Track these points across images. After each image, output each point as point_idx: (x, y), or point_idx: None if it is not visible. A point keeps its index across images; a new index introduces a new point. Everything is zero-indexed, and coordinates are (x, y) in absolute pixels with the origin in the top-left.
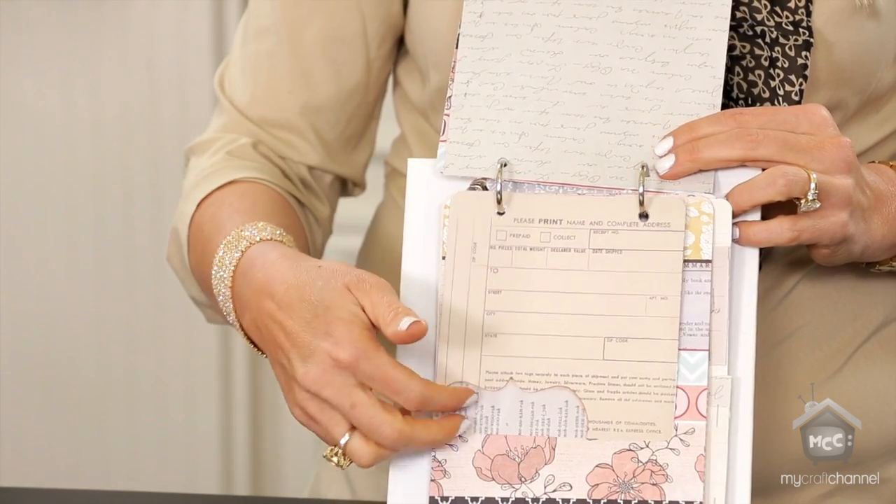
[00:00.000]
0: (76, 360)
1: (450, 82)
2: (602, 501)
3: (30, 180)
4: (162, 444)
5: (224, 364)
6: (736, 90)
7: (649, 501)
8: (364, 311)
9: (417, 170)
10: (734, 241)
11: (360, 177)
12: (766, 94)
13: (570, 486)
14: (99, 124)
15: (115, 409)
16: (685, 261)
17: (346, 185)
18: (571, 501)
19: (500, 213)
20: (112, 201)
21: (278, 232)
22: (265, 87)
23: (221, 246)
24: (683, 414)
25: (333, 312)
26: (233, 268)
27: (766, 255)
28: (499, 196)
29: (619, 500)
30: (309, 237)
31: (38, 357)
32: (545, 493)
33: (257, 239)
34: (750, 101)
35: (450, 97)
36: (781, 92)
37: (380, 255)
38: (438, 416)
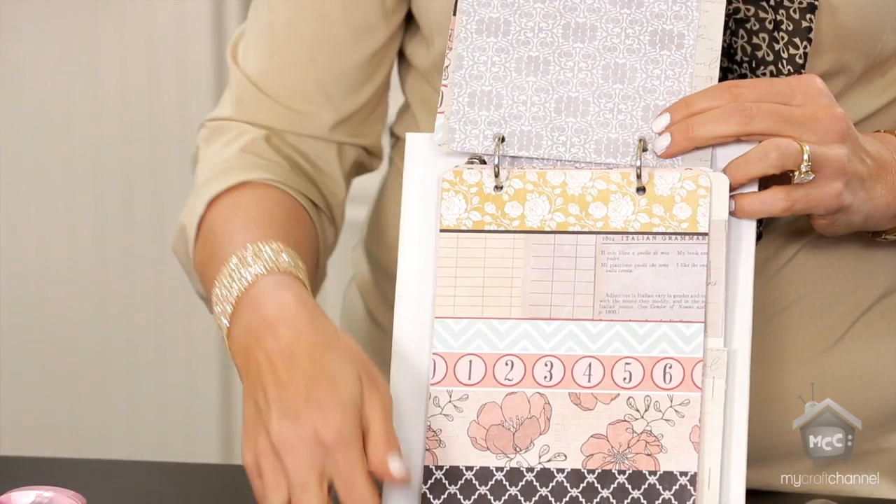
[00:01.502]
0: (76, 329)
1: (447, 52)
2: (596, 471)
3: (28, 159)
4: (162, 414)
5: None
6: (740, 53)
7: (644, 472)
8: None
9: (416, 144)
10: (730, 213)
11: (377, 145)
12: (770, 58)
13: (565, 456)
14: (98, 104)
15: (115, 379)
16: (682, 234)
17: (364, 164)
18: (566, 471)
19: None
20: (112, 177)
21: (294, 264)
22: (283, 57)
23: (233, 258)
24: (678, 385)
25: (337, 391)
26: (238, 292)
27: (767, 225)
28: (496, 171)
29: (613, 471)
30: (321, 242)
31: (38, 327)
32: (540, 463)
33: (274, 267)
34: (754, 65)
35: (447, 67)
36: (785, 55)
37: (385, 225)
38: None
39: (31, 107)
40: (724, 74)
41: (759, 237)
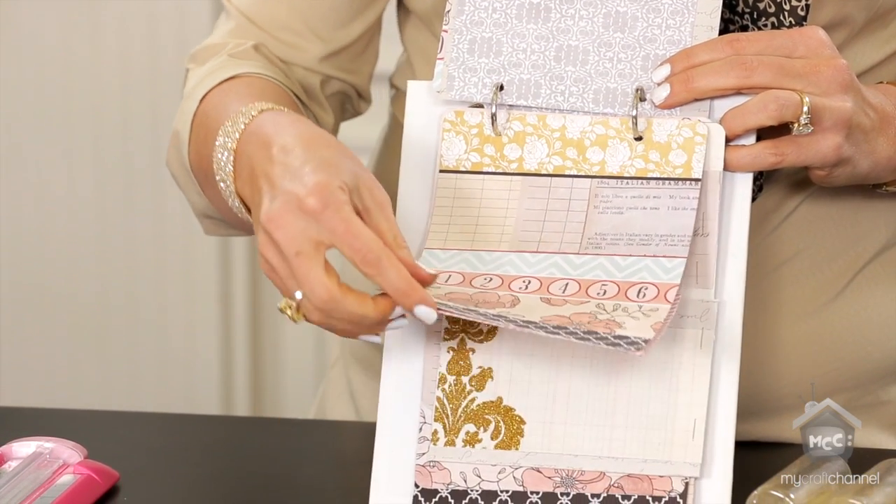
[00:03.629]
0: (76, 280)
1: None
2: (553, 325)
3: (29, 106)
4: (162, 365)
5: (224, 285)
6: (741, 4)
7: (600, 332)
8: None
9: (416, 91)
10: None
11: (366, 87)
12: (772, 9)
13: (524, 318)
14: (98, 47)
15: (116, 330)
16: (676, 179)
17: (352, 101)
18: (525, 319)
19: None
20: (111, 125)
21: (286, 110)
22: None
23: (228, 119)
24: (651, 300)
25: (325, 170)
26: (241, 126)
27: (768, 178)
28: (493, 118)
29: (570, 328)
30: None
31: (39, 278)
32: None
33: (269, 107)
34: (755, 16)
35: (448, 12)
36: (787, 6)
37: (385, 176)
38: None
39: (30, 47)
40: (726, 26)
41: (759, 189)
